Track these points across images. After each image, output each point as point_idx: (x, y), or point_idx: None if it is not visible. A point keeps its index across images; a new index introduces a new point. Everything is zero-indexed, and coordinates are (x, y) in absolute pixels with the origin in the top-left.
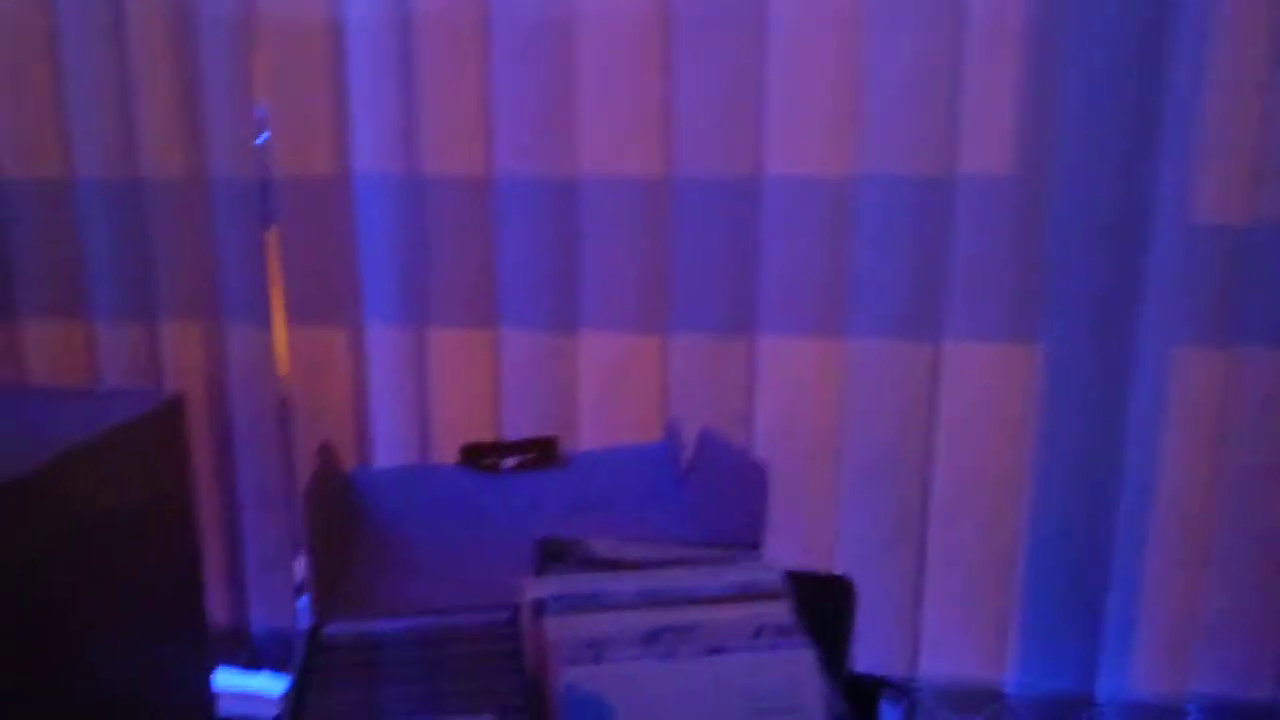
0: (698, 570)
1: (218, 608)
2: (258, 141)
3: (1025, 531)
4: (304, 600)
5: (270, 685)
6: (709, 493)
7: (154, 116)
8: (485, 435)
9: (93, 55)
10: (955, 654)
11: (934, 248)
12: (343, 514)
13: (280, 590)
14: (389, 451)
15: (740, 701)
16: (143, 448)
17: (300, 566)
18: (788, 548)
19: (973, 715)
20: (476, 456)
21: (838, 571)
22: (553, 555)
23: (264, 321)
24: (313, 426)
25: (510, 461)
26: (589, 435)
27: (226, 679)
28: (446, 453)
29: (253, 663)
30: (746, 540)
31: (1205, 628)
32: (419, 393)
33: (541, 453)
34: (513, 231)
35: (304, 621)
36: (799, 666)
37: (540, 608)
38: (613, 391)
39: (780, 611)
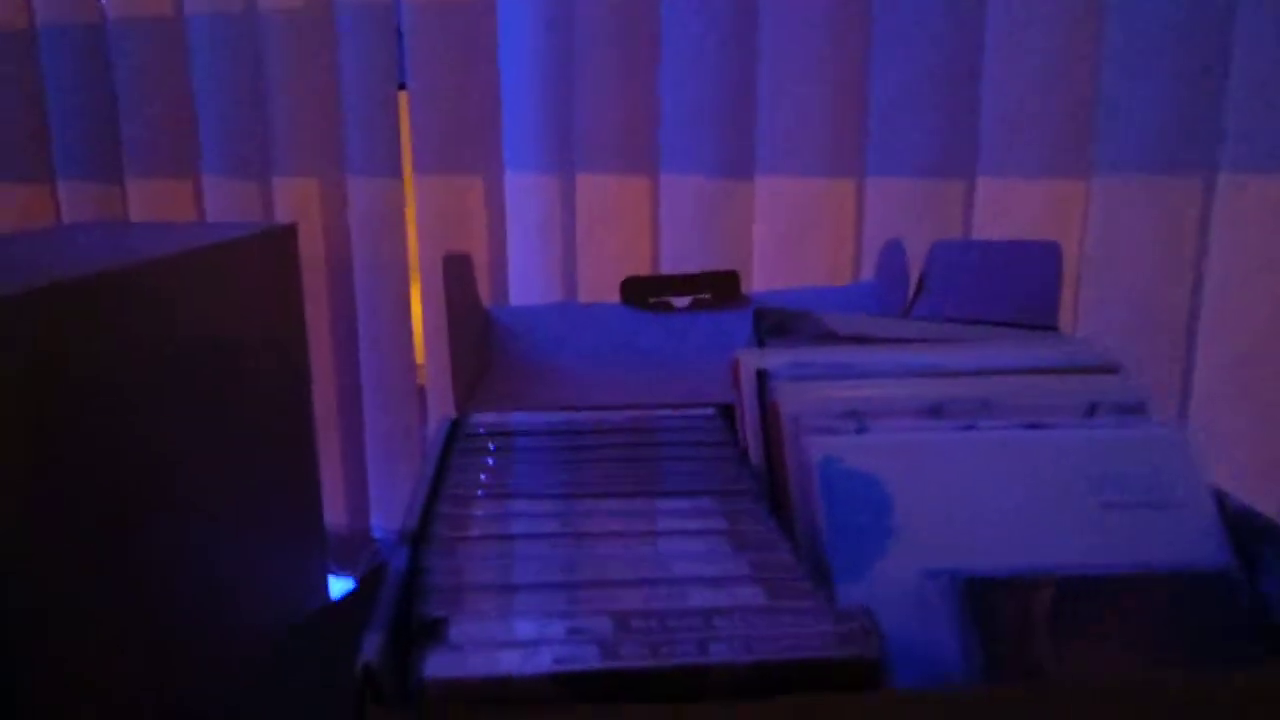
0: (988, 342)
1: (337, 513)
2: None
3: None
4: None
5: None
6: (955, 310)
7: None
8: None
9: None
10: None
11: None
12: (484, 356)
13: (404, 487)
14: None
15: (1085, 490)
16: (251, 268)
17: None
18: None
19: None
20: (641, 293)
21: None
22: (774, 327)
23: (393, 172)
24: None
25: (682, 301)
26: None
27: (345, 586)
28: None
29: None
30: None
31: None
32: (565, 250)
33: (720, 289)
34: (675, 62)
35: None
36: (1164, 447)
37: (766, 375)
38: (795, 238)
39: (1122, 386)
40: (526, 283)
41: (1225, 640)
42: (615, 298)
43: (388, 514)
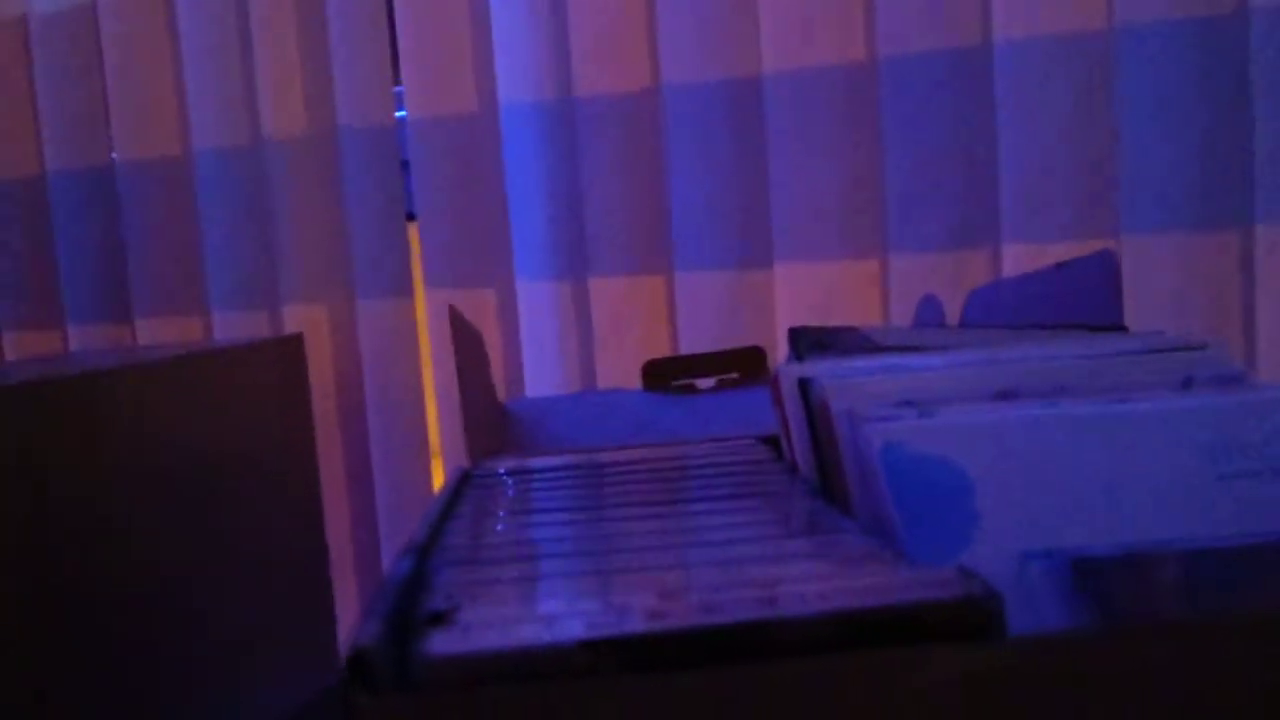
0: (1056, 338)
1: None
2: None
3: None
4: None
5: None
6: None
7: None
8: None
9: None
10: None
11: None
12: (493, 399)
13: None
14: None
15: (1194, 461)
16: (257, 374)
17: None
18: None
19: None
20: (663, 376)
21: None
22: (813, 344)
23: (404, 291)
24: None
25: (707, 382)
26: None
27: None
28: None
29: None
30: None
31: None
32: (583, 356)
33: (746, 366)
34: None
35: None
36: (1273, 414)
37: (813, 385)
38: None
39: (1216, 359)
40: (545, 388)
41: None
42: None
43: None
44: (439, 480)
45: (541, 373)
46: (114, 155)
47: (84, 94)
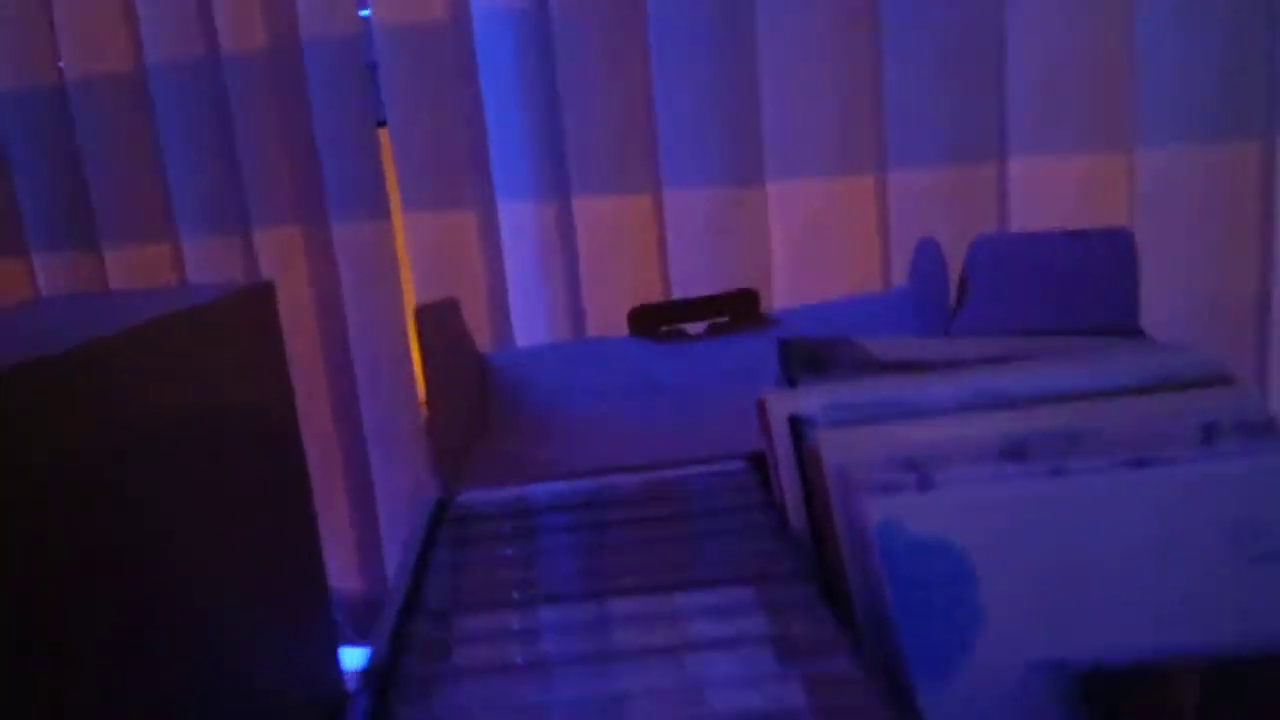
0: (1065, 358)
1: (345, 575)
2: None
3: None
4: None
5: None
6: (1009, 309)
7: None
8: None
9: None
10: None
11: None
12: (478, 403)
13: None
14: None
15: (1219, 542)
16: (229, 331)
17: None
18: None
19: None
20: (652, 322)
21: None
22: (806, 361)
23: (379, 213)
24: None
25: (697, 327)
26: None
27: (356, 658)
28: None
29: None
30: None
31: None
32: (568, 279)
33: (738, 311)
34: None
35: None
36: None
37: (804, 425)
38: (815, 245)
39: (1240, 401)
40: (531, 318)
41: None
42: (624, 331)
43: None
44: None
45: (527, 303)
46: (63, 70)
47: (28, 6)
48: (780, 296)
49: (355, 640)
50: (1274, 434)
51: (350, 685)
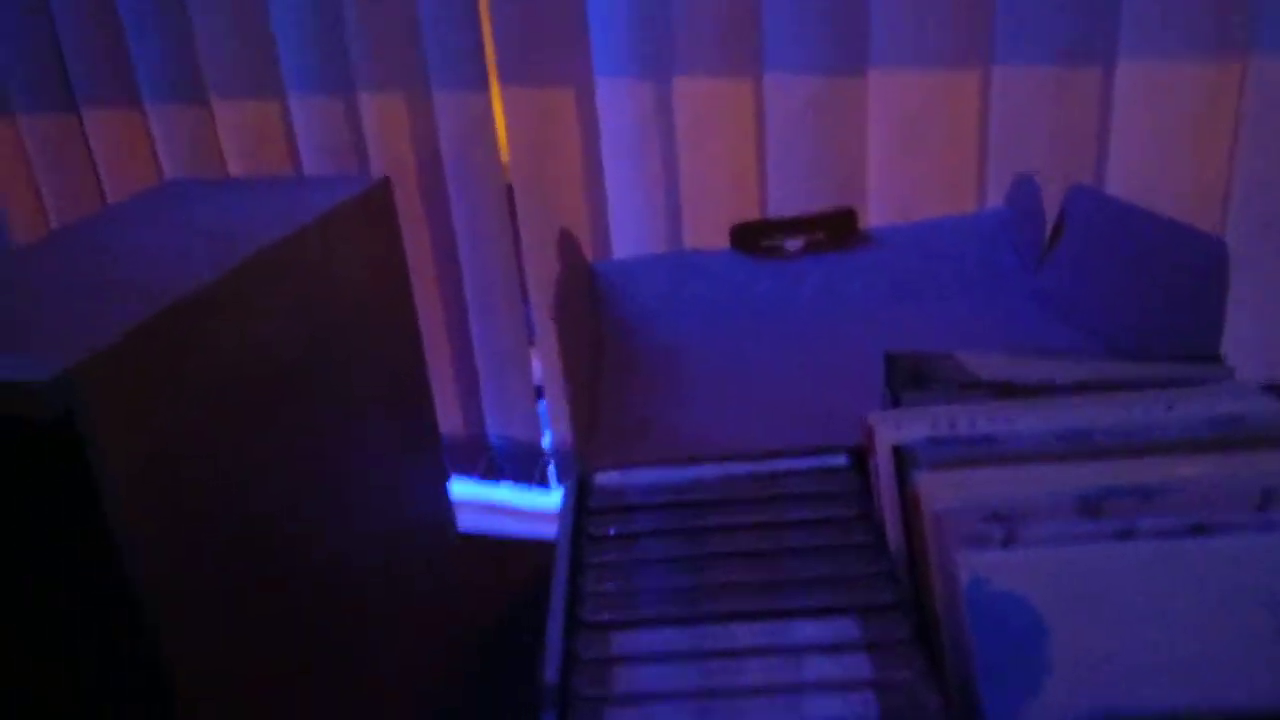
0: (1142, 398)
1: (451, 416)
2: None
3: None
4: (542, 406)
5: (509, 496)
6: (1095, 275)
7: None
8: (749, 210)
9: None
10: None
11: None
12: (593, 322)
13: (516, 394)
14: (632, 236)
15: (1252, 609)
16: (351, 239)
17: (536, 367)
18: None
19: None
20: (752, 238)
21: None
22: (909, 377)
23: (478, 84)
24: (539, 208)
25: (795, 243)
26: (882, 207)
27: (465, 490)
28: (703, 237)
29: (490, 473)
30: (1190, 348)
31: None
32: (666, 161)
33: (835, 229)
34: None
35: (543, 431)
36: None
37: (905, 457)
38: (911, 144)
39: None
40: (626, 201)
41: None
42: (720, 215)
43: (500, 419)
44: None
45: (622, 186)
46: None
47: None
48: (875, 192)
49: (460, 473)
50: None
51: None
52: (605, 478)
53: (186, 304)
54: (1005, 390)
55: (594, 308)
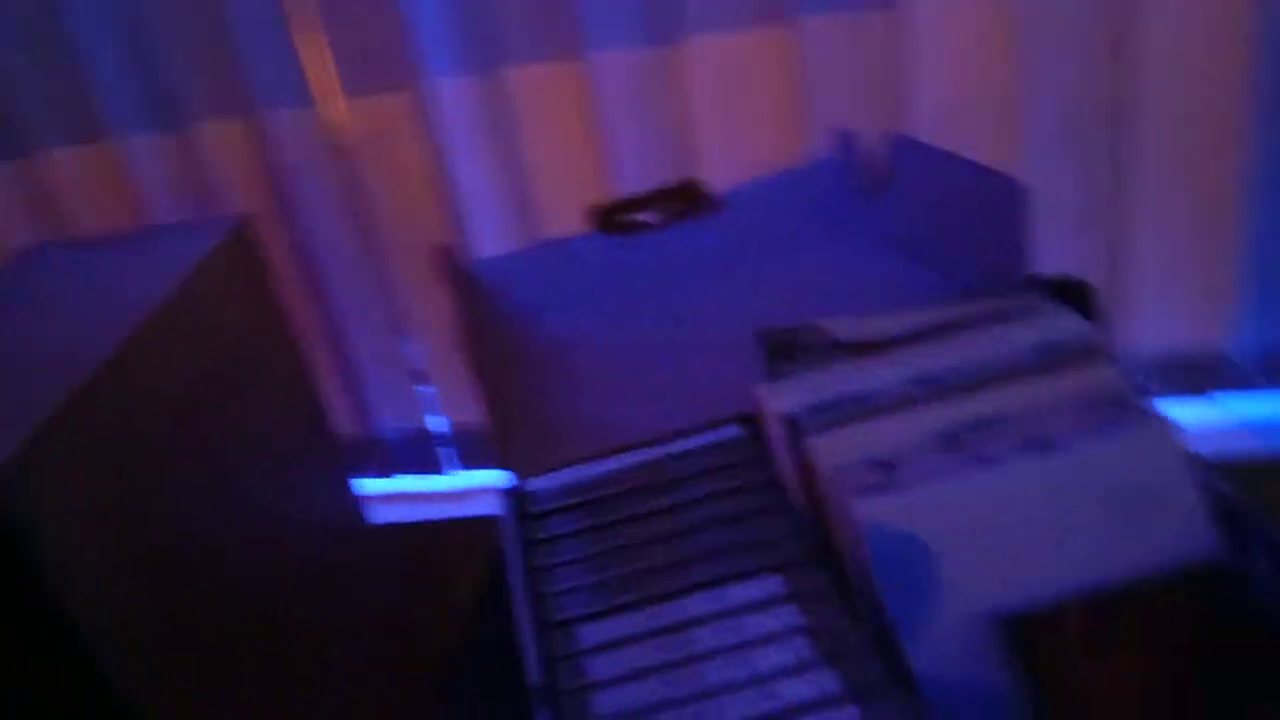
0: (974, 335)
1: (342, 419)
2: None
3: (1244, 170)
4: (423, 390)
5: (412, 484)
6: (920, 215)
7: None
8: (601, 190)
9: None
10: (1167, 322)
11: None
12: (484, 326)
13: (397, 388)
14: (490, 232)
15: (1087, 504)
16: (227, 280)
17: (412, 355)
18: None
19: (1190, 382)
20: (610, 217)
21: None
22: (780, 349)
23: (308, 100)
24: (393, 210)
25: (651, 217)
26: (719, 167)
27: (372, 486)
28: (561, 224)
29: (390, 467)
30: (1001, 276)
31: None
32: (511, 154)
33: (686, 198)
34: None
35: (430, 416)
36: (1155, 444)
37: (796, 426)
38: (735, 104)
39: (1106, 375)
40: (481, 197)
41: (1225, 627)
42: (573, 199)
43: (387, 414)
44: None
45: (474, 183)
46: None
47: None
48: (713, 157)
49: (358, 473)
50: (1131, 405)
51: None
52: (536, 483)
53: (92, 379)
54: (863, 348)
55: (478, 310)
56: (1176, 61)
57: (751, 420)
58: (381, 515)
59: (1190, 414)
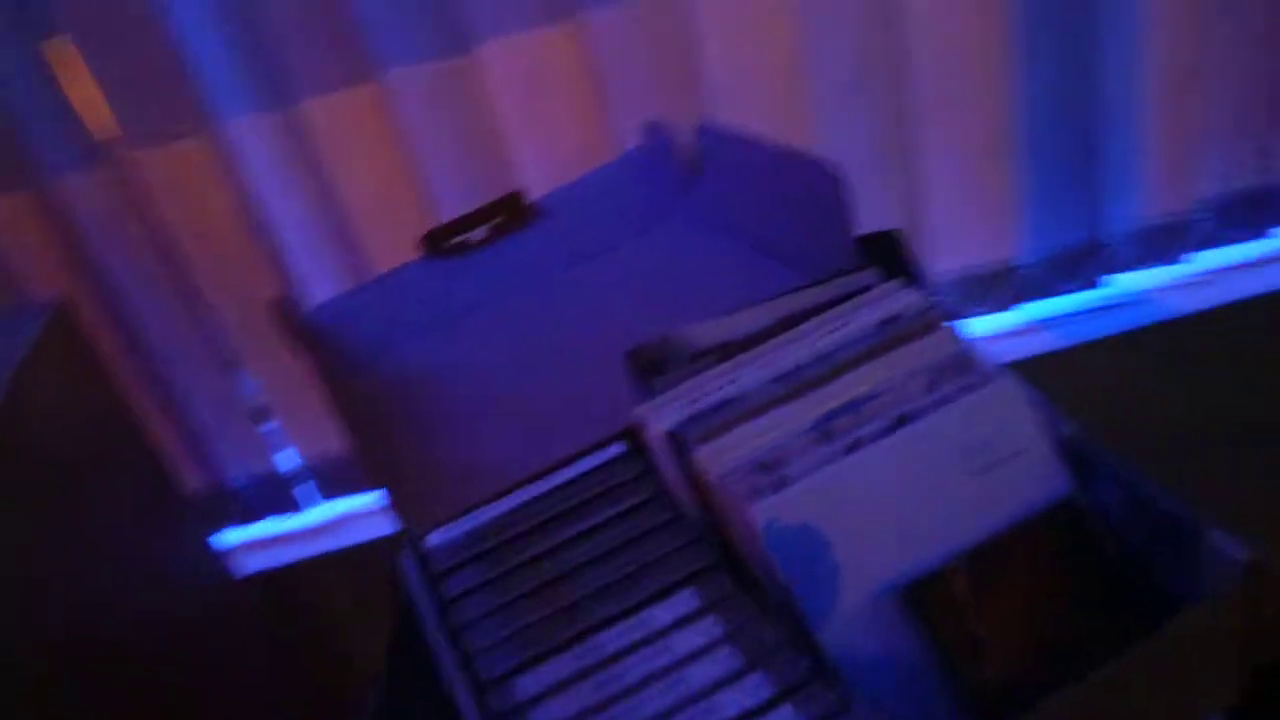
0: (822, 323)
1: (193, 477)
2: None
3: (1014, 103)
4: (267, 427)
5: (274, 527)
6: (742, 202)
7: None
8: (414, 209)
9: None
10: (962, 244)
11: None
12: (341, 374)
13: (242, 431)
14: (315, 269)
15: (958, 466)
16: (51, 368)
17: (248, 394)
18: None
19: (988, 295)
20: (440, 241)
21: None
22: (650, 365)
23: (94, 159)
24: (210, 261)
25: (478, 234)
26: (531, 170)
27: (235, 536)
28: (384, 249)
29: (249, 515)
30: (828, 253)
31: (1202, 134)
32: (320, 185)
33: (509, 212)
34: None
35: (273, 457)
36: (1002, 400)
37: (679, 441)
38: (538, 106)
39: (943, 343)
40: (299, 237)
41: (1087, 554)
42: (398, 227)
43: (233, 461)
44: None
45: (288, 221)
46: None
47: None
48: (521, 157)
49: (217, 526)
50: (973, 366)
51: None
52: (431, 540)
53: None
54: (725, 351)
55: (330, 360)
56: (941, 13)
57: (630, 435)
58: (250, 565)
59: (991, 323)
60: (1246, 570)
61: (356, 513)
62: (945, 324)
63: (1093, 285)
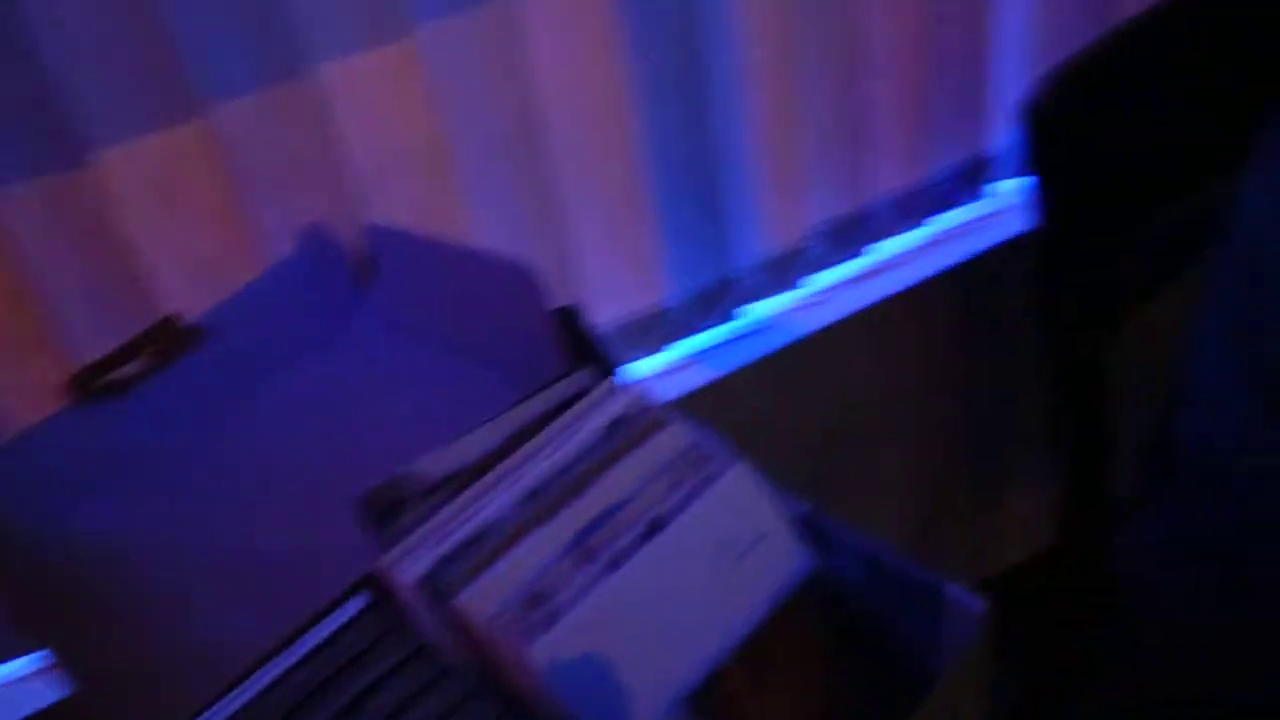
0: (552, 434)
1: None
2: None
3: (643, 158)
4: None
5: None
6: (428, 303)
7: None
8: (40, 351)
9: None
10: (616, 295)
11: None
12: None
13: None
14: None
15: (716, 560)
16: None
17: None
18: None
19: (645, 338)
20: (90, 383)
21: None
22: (387, 510)
23: None
24: None
25: (133, 368)
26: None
27: None
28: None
29: None
30: (529, 352)
31: (801, 167)
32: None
33: (165, 339)
34: None
35: None
36: (739, 487)
37: (435, 589)
38: (169, 214)
39: (673, 439)
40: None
41: (840, 630)
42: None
43: None
44: None
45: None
46: None
47: None
48: (157, 272)
49: None
50: (705, 458)
51: None
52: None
53: None
54: (460, 481)
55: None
56: (567, 81)
57: (370, 582)
58: None
59: (649, 364)
60: (980, 619)
61: None
62: (668, 419)
63: (729, 318)
